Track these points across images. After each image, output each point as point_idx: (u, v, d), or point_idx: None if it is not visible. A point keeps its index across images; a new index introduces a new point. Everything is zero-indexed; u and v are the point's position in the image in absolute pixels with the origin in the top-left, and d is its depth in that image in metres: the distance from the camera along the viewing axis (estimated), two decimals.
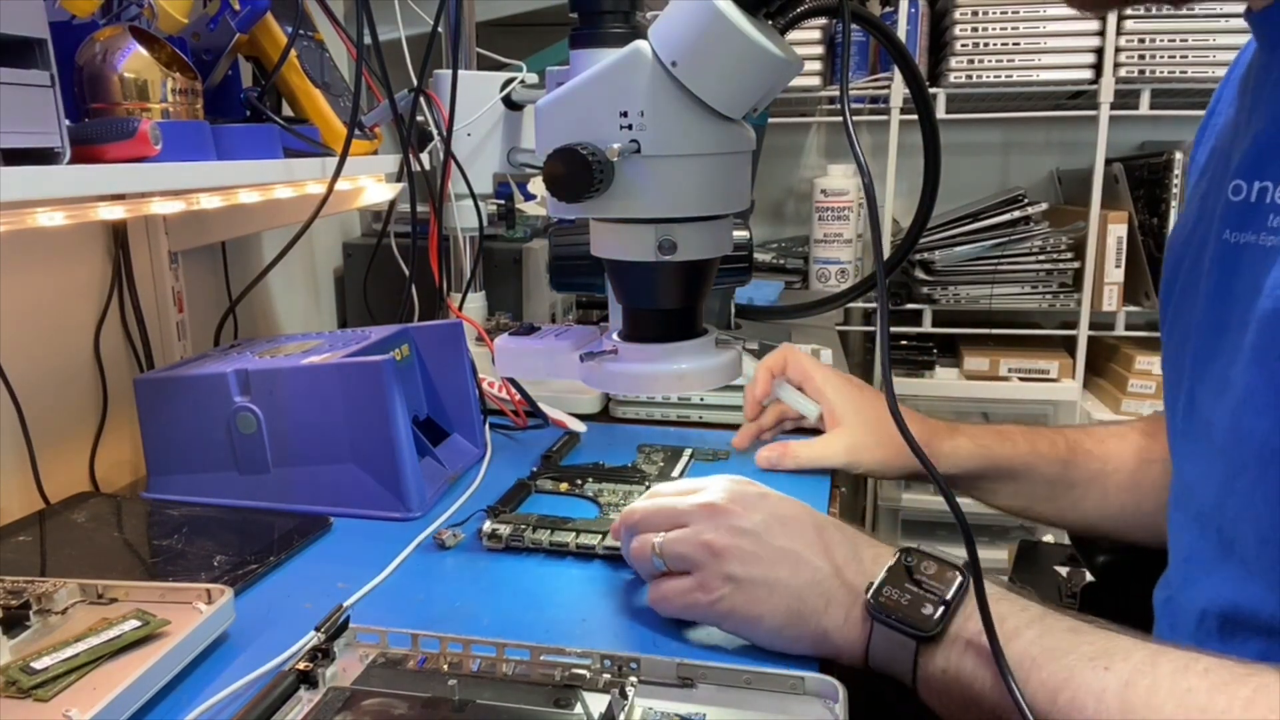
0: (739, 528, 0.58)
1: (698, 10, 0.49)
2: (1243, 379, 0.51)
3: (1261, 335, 0.49)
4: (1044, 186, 2.09)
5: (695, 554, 0.58)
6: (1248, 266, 0.52)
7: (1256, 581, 0.52)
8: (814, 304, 0.87)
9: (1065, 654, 0.49)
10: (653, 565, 0.60)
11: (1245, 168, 0.55)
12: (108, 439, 0.94)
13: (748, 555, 0.57)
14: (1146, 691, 0.46)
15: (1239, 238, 0.54)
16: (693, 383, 0.60)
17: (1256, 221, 0.52)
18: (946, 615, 0.53)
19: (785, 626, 0.56)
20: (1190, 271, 0.61)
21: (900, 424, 0.53)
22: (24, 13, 0.57)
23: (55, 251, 0.89)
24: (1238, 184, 0.55)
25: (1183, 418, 0.61)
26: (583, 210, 0.55)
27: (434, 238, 0.99)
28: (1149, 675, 0.46)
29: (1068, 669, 0.48)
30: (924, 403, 1.88)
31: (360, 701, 0.51)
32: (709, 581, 0.58)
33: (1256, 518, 0.51)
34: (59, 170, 0.60)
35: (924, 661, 0.53)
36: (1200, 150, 0.66)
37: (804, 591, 0.56)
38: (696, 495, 0.61)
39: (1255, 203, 0.53)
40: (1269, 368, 0.49)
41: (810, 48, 1.78)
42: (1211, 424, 0.56)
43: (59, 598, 0.60)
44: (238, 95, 0.89)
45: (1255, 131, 0.55)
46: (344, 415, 0.79)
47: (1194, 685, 0.45)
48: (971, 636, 0.52)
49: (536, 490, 0.84)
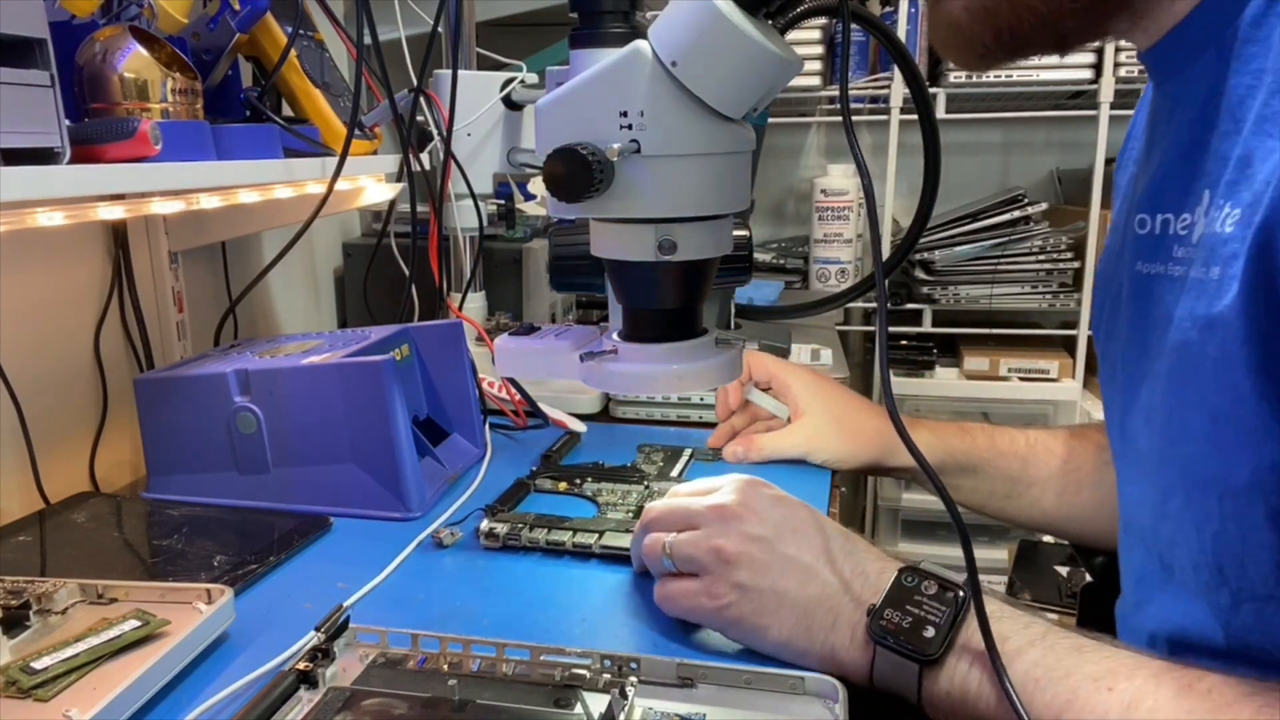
0: (750, 534, 0.58)
1: (698, 10, 0.49)
2: (1163, 406, 0.52)
3: (1174, 365, 0.50)
4: (1044, 186, 2.09)
5: (704, 558, 0.58)
6: (1160, 296, 0.53)
7: (1197, 604, 0.52)
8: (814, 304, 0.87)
9: (1068, 675, 0.49)
10: (662, 564, 0.61)
11: (1147, 200, 0.56)
12: (108, 439, 0.94)
13: (757, 563, 0.57)
14: (1149, 713, 0.46)
15: (1150, 268, 0.55)
16: (693, 383, 0.60)
17: (1163, 253, 0.53)
18: (948, 638, 0.52)
19: (793, 639, 0.56)
20: (1115, 300, 0.61)
21: (897, 422, 0.54)
22: (24, 13, 0.57)
23: (55, 251, 0.89)
24: (1142, 217, 0.56)
25: (1118, 442, 0.62)
26: (583, 210, 0.55)
27: (434, 238, 0.99)
28: (1151, 697, 0.46)
29: (1071, 690, 0.48)
30: (924, 403, 1.88)
31: (360, 701, 0.51)
32: (716, 587, 0.57)
33: (1188, 541, 0.51)
34: (59, 170, 0.60)
35: (928, 684, 0.53)
36: (1121, 176, 0.67)
37: (811, 605, 0.56)
38: (710, 497, 0.61)
39: (1160, 234, 0.54)
40: (1184, 396, 0.49)
41: (810, 48, 1.78)
42: (1141, 450, 0.56)
43: (59, 598, 0.60)
44: (238, 95, 0.89)
45: (1154, 164, 0.56)
46: (344, 415, 0.79)
47: (1196, 707, 0.45)
48: (975, 657, 0.52)
49: (535, 490, 0.84)
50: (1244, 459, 0.46)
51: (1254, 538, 0.47)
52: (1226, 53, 0.49)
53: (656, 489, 0.82)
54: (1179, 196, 0.52)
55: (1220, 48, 0.49)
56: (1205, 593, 0.51)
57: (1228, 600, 0.50)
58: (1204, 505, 0.49)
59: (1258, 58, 0.47)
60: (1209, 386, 0.47)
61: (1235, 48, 0.48)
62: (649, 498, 0.80)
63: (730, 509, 0.59)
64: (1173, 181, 0.53)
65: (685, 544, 0.59)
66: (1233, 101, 0.48)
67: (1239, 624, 0.50)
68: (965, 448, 0.84)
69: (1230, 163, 0.47)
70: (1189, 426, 0.49)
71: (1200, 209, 0.49)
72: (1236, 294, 0.44)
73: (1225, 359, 0.45)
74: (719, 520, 0.59)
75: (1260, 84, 0.46)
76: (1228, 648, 0.50)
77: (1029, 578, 1.11)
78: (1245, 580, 0.48)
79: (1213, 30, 0.50)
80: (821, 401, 0.88)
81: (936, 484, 0.55)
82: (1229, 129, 0.48)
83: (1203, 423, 0.48)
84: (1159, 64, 0.55)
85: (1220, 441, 0.47)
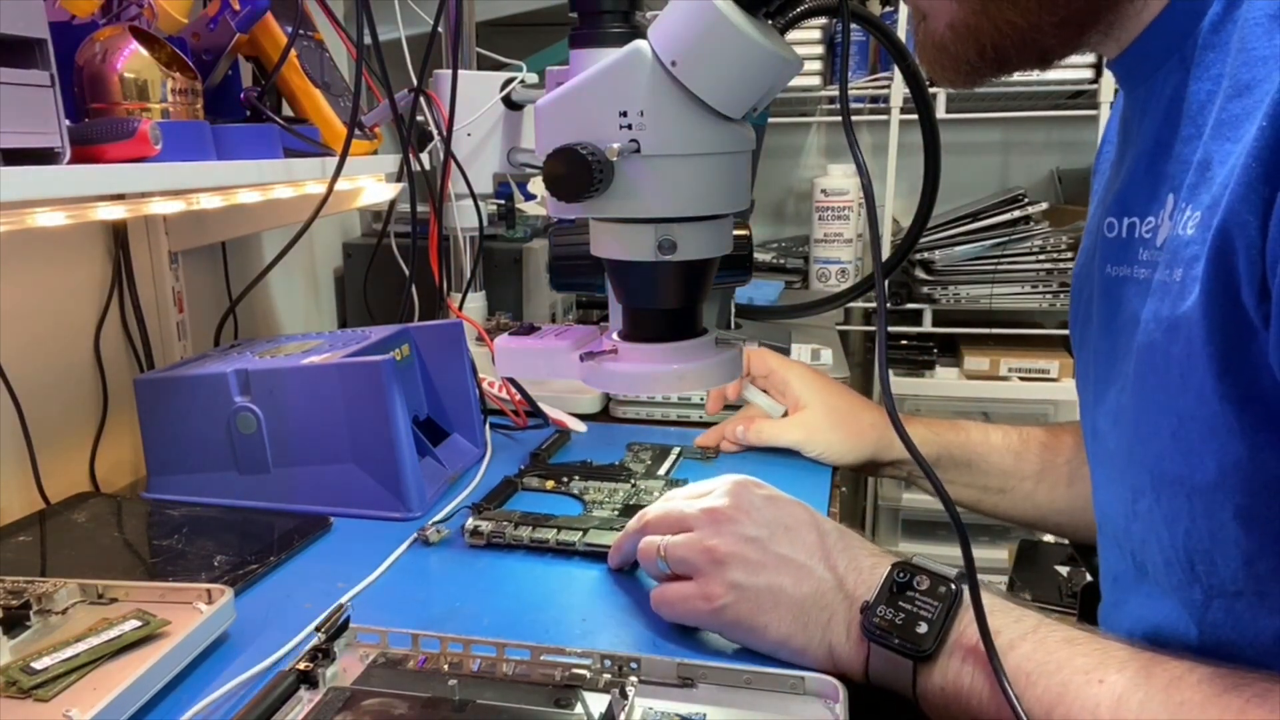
0: (743, 534, 0.58)
1: (697, 10, 0.49)
2: (1131, 406, 0.52)
3: (1140, 365, 0.50)
4: (1044, 186, 2.09)
5: (697, 559, 0.58)
6: (1127, 299, 0.54)
7: (1170, 602, 0.53)
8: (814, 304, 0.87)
9: (1060, 668, 0.49)
10: (657, 567, 0.61)
11: (1116, 204, 0.56)
12: (108, 439, 0.94)
13: (751, 563, 0.57)
14: (1139, 706, 0.46)
15: (1118, 271, 0.55)
16: (693, 383, 0.60)
17: (1130, 255, 0.54)
18: (941, 633, 0.53)
19: (791, 636, 0.56)
20: (1087, 302, 0.62)
21: (895, 419, 0.54)
22: (24, 13, 0.57)
23: (55, 251, 0.89)
24: (1110, 220, 0.57)
25: (1091, 442, 0.62)
26: (583, 210, 0.55)
27: (434, 238, 0.99)
28: (1142, 689, 0.46)
29: (1062, 684, 0.48)
30: (924, 402, 1.88)
31: (360, 701, 0.51)
32: (711, 588, 0.57)
33: (1159, 540, 0.52)
34: (59, 170, 0.60)
35: (922, 680, 0.53)
36: (1096, 181, 0.68)
37: (807, 603, 0.56)
38: (703, 500, 0.62)
39: (1127, 238, 0.55)
40: (1150, 398, 0.50)
41: (810, 48, 1.78)
42: (1111, 449, 0.57)
43: (59, 598, 0.61)
44: (238, 95, 0.89)
45: (1124, 169, 0.57)
46: (344, 415, 0.79)
47: (1188, 698, 0.45)
48: (968, 652, 0.52)
49: (523, 488, 0.85)
50: (1210, 458, 0.47)
51: (1223, 534, 0.48)
52: (1188, 59, 0.49)
53: (643, 487, 0.82)
54: (1145, 201, 0.53)
55: (1183, 55, 0.50)
56: (1178, 590, 0.51)
57: (1200, 597, 0.50)
58: (1173, 504, 0.50)
59: (1216, 63, 0.47)
60: (1174, 387, 0.47)
61: (1196, 54, 0.49)
62: (635, 496, 0.80)
63: (723, 511, 0.60)
64: (1139, 186, 0.54)
65: (679, 546, 0.59)
66: (1193, 107, 0.48)
67: (1211, 620, 0.50)
68: (960, 441, 0.85)
69: (1192, 166, 0.47)
70: (1156, 426, 0.50)
71: (1164, 212, 0.50)
72: (1198, 296, 0.45)
73: (1189, 360, 0.46)
74: (712, 522, 0.59)
75: (1219, 89, 0.47)
76: (1201, 644, 0.51)
77: (1029, 577, 1.11)
78: (1215, 577, 0.49)
79: (1175, 38, 0.51)
80: (819, 396, 0.89)
81: (929, 473, 0.55)
82: (1190, 133, 0.48)
83: (1169, 422, 0.48)
84: (1127, 73, 0.56)
85: (1186, 441, 0.48)
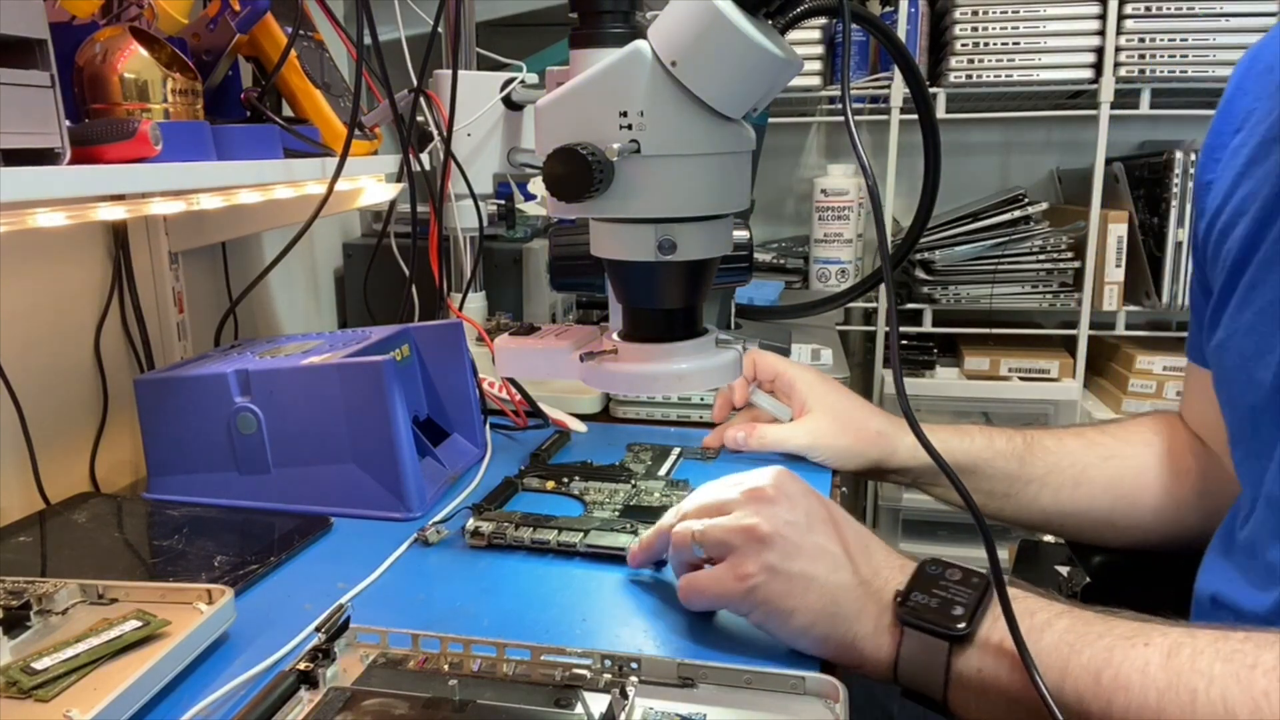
0: (784, 518, 0.58)
1: (697, 10, 0.49)
2: None
3: None
4: (1044, 186, 2.09)
5: (736, 539, 0.58)
6: None
7: None
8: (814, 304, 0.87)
9: (1102, 636, 0.50)
10: (690, 553, 0.60)
11: None
12: (108, 439, 0.94)
13: (790, 545, 0.57)
14: (1190, 657, 0.47)
15: None
16: (693, 383, 0.60)
17: None
18: (977, 615, 0.53)
19: (816, 624, 0.56)
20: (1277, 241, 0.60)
21: (915, 427, 0.54)
22: (24, 13, 0.57)
23: (55, 251, 0.89)
24: None
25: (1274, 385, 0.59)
26: (583, 210, 0.55)
27: (434, 238, 0.99)
28: (1189, 645, 0.47)
29: (1107, 649, 0.49)
30: (925, 403, 1.88)
31: (361, 701, 0.51)
32: (745, 567, 0.57)
33: None
34: (59, 170, 0.60)
35: (957, 663, 0.53)
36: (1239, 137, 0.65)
37: (839, 592, 0.56)
38: (743, 484, 0.61)
39: None
40: None
41: (810, 48, 1.78)
42: None
43: (59, 598, 0.61)
44: (238, 95, 0.89)
45: None
46: (344, 415, 0.79)
47: (1238, 647, 0.46)
48: (1004, 635, 0.52)
49: (523, 488, 0.84)
50: None
51: None
52: None
53: (644, 488, 0.82)
54: None
55: None
56: None
57: None
58: None
59: None
60: None
61: None
62: (636, 496, 0.80)
63: (765, 492, 0.60)
64: None
65: (717, 528, 0.59)
66: None
67: None
68: (964, 448, 0.85)
69: None
70: None
71: None
72: None
73: None
74: (753, 502, 0.59)
75: None
76: None
77: (1029, 578, 1.11)
78: None
79: None
80: (826, 400, 0.89)
81: (953, 479, 0.54)
82: None
83: None
84: None
85: None
